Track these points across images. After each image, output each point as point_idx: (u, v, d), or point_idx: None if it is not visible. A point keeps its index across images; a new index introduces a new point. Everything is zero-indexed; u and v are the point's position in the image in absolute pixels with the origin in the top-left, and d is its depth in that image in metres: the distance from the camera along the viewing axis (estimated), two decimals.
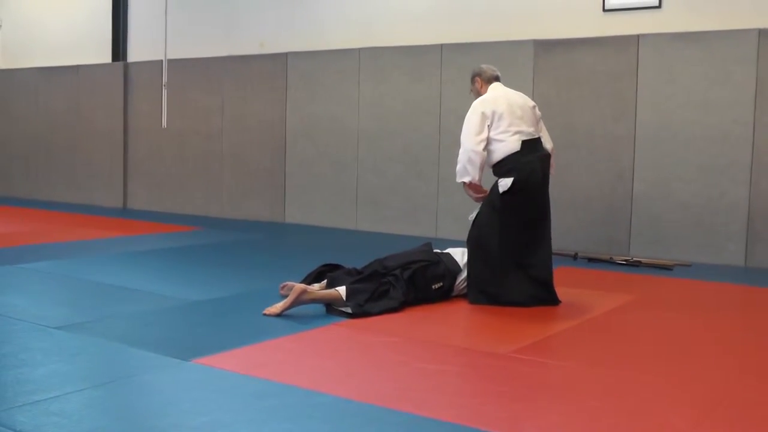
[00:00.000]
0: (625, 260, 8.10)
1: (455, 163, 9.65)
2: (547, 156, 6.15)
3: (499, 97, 6.17)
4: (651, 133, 8.59)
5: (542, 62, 9.20)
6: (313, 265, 6.59)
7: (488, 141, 6.01)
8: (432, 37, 10.12)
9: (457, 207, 9.76)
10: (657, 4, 8.71)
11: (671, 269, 7.84)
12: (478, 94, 6.37)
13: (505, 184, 5.96)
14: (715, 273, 7.68)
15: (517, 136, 5.98)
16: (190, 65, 12.19)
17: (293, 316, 5.45)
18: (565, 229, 8.98)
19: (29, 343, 4.63)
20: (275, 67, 11.28)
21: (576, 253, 8.34)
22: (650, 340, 5.06)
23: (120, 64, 13.21)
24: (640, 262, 8.05)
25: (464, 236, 9.59)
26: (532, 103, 6.29)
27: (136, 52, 13.29)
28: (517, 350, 4.67)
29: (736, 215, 8.20)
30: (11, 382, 3.88)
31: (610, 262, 8.10)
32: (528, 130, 6.05)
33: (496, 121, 6.01)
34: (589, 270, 7.76)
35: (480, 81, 6.43)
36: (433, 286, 5.95)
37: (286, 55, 11.24)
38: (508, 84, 9.34)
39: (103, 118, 13.36)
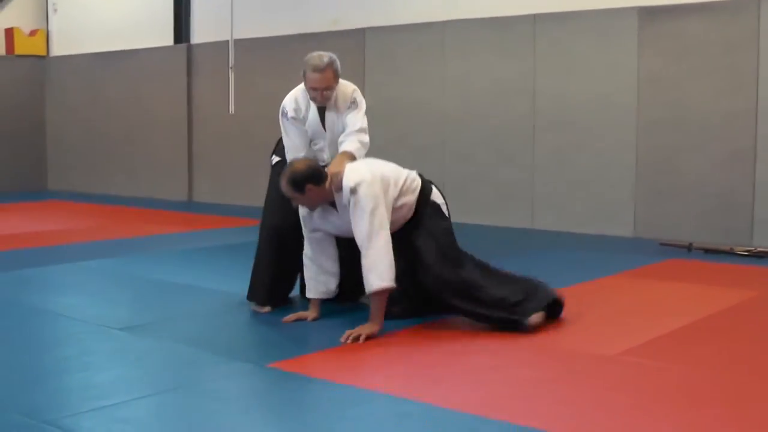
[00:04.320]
0: (748, 251, 7.91)
1: (551, 147, 9.64)
2: None
3: None
4: None
5: (647, 32, 9.04)
6: None
7: None
8: (523, 6, 10.02)
9: (555, 195, 9.67)
10: None
11: None
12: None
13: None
14: None
15: None
16: (258, 45, 12.30)
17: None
18: (677, 217, 8.82)
19: (92, 345, 4.74)
20: (351, 45, 11.31)
21: (690, 244, 8.18)
22: None
23: (183, 46, 13.40)
24: (765, 252, 7.86)
25: (564, 227, 9.58)
26: None
27: (200, 33, 13.45)
28: (625, 352, 4.60)
29: None
30: (75, 387, 3.99)
31: (730, 254, 7.92)
32: None
33: None
34: (706, 263, 7.61)
35: None
36: None
37: (363, 31, 11.27)
38: (610, 57, 9.27)
39: (164, 105, 13.56)
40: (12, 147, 14.90)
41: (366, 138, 5.50)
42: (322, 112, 5.52)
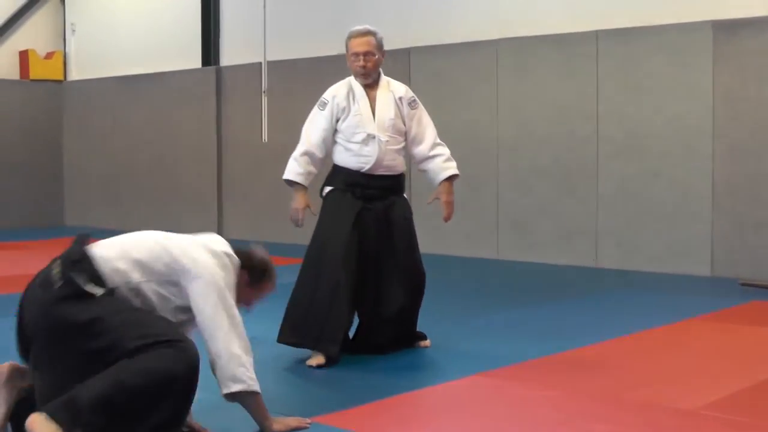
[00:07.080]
0: None
1: (616, 177, 9.59)
2: None
3: None
4: None
5: (724, 48, 9.00)
6: (461, 305, 6.53)
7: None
8: (585, 22, 10.03)
9: (621, 230, 9.62)
10: None
11: None
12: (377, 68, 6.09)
13: None
14: None
15: None
16: (293, 68, 12.38)
17: (426, 365, 5.44)
18: (759, 254, 8.73)
19: None
20: (396, 65, 11.33)
21: None
22: None
23: (212, 69, 13.55)
24: None
25: (632, 265, 9.51)
26: None
27: (230, 55, 13.58)
28: (707, 406, 4.54)
29: None
30: None
31: None
32: None
33: None
34: None
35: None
36: None
37: (408, 51, 11.31)
38: (682, 76, 9.24)
39: (192, 132, 13.67)
40: (26, 179, 15.07)
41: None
42: (372, 101, 5.87)
